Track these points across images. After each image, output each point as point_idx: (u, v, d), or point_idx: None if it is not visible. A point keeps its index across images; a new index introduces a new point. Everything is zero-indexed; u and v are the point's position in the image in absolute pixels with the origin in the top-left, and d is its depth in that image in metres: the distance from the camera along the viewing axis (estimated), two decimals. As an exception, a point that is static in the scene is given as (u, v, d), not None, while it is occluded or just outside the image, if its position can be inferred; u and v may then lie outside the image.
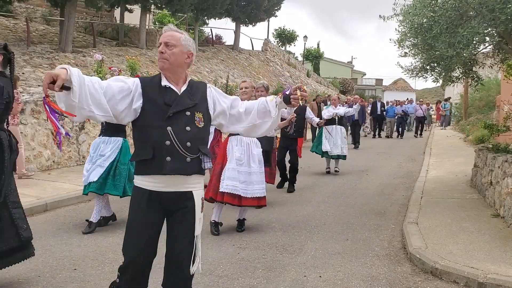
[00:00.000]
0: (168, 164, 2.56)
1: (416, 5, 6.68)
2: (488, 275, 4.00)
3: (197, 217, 2.68)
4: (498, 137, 8.69)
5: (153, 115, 2.59)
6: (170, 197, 2.64)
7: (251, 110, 2.81)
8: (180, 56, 2.63)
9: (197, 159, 2.63)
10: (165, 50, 2.62)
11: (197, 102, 2.68)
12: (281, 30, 39.49)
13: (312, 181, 9.45)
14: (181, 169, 2.59)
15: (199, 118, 2.66)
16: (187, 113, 2.62)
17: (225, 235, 5.48)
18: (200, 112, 2.67)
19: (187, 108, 2.63)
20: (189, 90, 2.69)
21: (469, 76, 8.00)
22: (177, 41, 2.63)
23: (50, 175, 8.78)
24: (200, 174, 2.70)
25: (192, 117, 2.63)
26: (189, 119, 2.62)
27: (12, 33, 16.43)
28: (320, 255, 4.84)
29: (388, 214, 6.74)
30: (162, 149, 2.56)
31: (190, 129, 2.61)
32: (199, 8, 21.84)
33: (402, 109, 21.61)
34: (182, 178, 2.62)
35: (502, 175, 5.94)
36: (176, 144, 2.56)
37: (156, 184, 2.61)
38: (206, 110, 2.70)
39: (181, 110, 2.61)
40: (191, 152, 2.60)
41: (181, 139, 2.57)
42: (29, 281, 4.03)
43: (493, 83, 19.16)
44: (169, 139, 2.55)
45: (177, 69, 2.66)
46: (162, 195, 2.62)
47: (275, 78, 27.75)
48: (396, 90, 55.50)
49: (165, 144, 2.55)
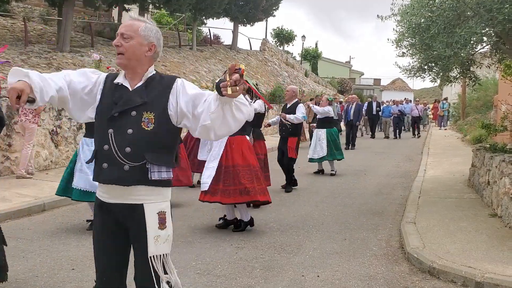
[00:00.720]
0: (104, 171, 2.27)
1: (414, 5, 6.69)
2: (486, 275, 4.01)
3: (151, 235, 2.28)
4: (495, 137, 8.70)
5: (101, 116, 2.32)
6: (118, 210, 2.32)
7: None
8: (138, 49, 2.28)
9: (141, 167, 2.24)
10: (120, 43, 2.27)
11: (148, 100, 2.27)
12: (279, 30, 39.49)
13: (310, 181, 9.46)
14: (118, 179, 2.25)
15: (148, 119, 2.26)
16: (132, 113, 2.26)
17: (223, 235, 5.48)
18: (151, 112, 2.27)
19: (132, 107, 2.27)
20: (144, 86, 2.31)
21: (466, 76, 8.01)
22: (135, 32, 2.28)
23: (48, 175, 8.77)
24: (153, 185, 2.29)
25: (139, 117, 2.25)
26: (134, 120, 2.25)
27: (10, 32, 16.39)
28: (318, 255, 4.84)
29: (386, 213, 6.75)
30: (101, 154, 2.28)
31: (132, 131, 2.24)
32: (197, 8, 21.82)
33: (398, 109, 21.36)
34: (126, 189, 2.26)
35: (500, 174, 5.95)
36: (114, 149, 2.24)
37: (102, 193, 2.35)
38: (163, 109, 2.27)
39: (125, 110, 2.27)
40: (130, 159, 2.23)
41: (119, 143, 2.24)
42: (27, 281, 4.03)
43: (491, 83, 19.19)
44: (108, 143, 2.25)
45: (136, 64, 2.31)
46: (110, 206, 2.33)
47: (273, 78, 27.75)
48: (394, 90, 55.55)
49: (103, 149, 2.26)
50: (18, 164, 8.52)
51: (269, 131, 19.66)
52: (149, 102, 2.28)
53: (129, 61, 2.30)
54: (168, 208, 2.37)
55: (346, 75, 52.50)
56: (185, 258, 4.64)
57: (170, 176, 2.33)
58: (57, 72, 2.41)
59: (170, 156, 2.34)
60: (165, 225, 2.33)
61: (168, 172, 2.32)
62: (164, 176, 2.30)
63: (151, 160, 2.25)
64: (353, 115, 16.55)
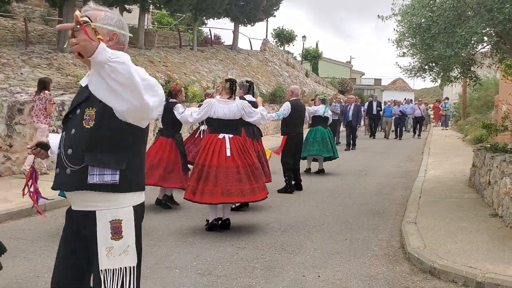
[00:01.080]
0: (56, 177, 2.15)
1: (415, 5, 6.69)
2: (486, 275, 4.01)
3: (101, 245, 2.05)
4: (496, 137, 8.70)
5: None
6: (76, 218, 2.16)
7: None
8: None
9: (82, 171, 2.04)
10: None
11: (92, 94, 1.99)
12: (279, 30, 39.52)
13: (310, 181, 9.46)
14: (61, 184, 2.12)
15: (90, 115, 2.05)
16: (77, 112, 2.10)
17: (223, 235, 5.48)
18: (93, 108, 2.05)
19: (77, 104, 2.11)
20: None
21: (467, 76, 8.01)
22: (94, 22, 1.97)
23: (48, 175, 8.77)
24: (102, 190, 2.05)
25: (81, 115, 2.07)
26: (78, 118, 2.09)
27: (11, 33, 16.40)
28: (319, 255, 4.85)
29: (387, 214, 6.75)
30: (57, 160, 2.18)
31: (74, 131, 2.08)
32: (197, 8, 21.84)
33: (399, 109, 20.89)
34: (79, 194, 2.09)
35: (500, 174, 5.95)
36: (61, 152, 2.11)
37: (69, 200, 2.21)
38: (104, 103, 1.95)
39: (73, 109, 2.13)
40: (71, 161, 2.06)
41: (64, 145, 2.11)
42: (28, 281, 4.03)
43: (491, 83, 19.19)
44: (60, 147, 2.15)
45: None
46: (71, 213, 2.19)
47: (274, 78, 27.76)
48: (394, 90, 55.51)
49: (58, 153, 2.16)
50: (19, 164, 8.54)
51: (269, 131, 19.67)
52: (92, 96, 2.01)
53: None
54: (127, 215, 2.10)
55: (347, 75, 52.49)
56: (185, 258, 4.65)
57: (115, 179, 2.06)
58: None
59: (117, 156, 2.08)
60: (121, 235, 2.07)
61: (114, 175, 2.06)
62: (108, 179, 2.05)
63: (89, 161, 2.04)
64: (352, 116, 16.08)
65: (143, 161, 2.24)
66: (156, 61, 18.52)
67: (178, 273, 4.26)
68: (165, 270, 4.32)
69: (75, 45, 1.76)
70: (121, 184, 2.08)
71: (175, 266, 4.41)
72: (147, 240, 5.19)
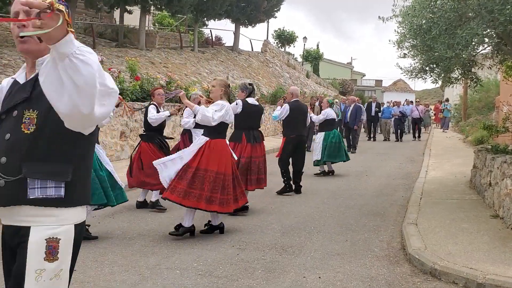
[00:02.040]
0: None
1: (415, 6, 6.70)
2: (487, 276, 4.01)
3: (31, 266, 1.74)
4: (497, 138, 8.71)
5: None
6: (8, 233, 1.84)
7: None
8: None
9: (19, 182, 1.74)
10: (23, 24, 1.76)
11: (33, 94, 1.77)
12: (280, 31, 39.58)
13: (311, 182, 9.46)
14: None
15: (30, 119, 1.76)
16: (14, 113, 1.80)
17: (224, 236, 5.49)
18: (34, 110, 1.76)
19: (15, 105, 1.80)
20: (36, 77, 1.78)
21: (468, 77, 8.01)
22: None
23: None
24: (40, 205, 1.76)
25: (19, 118, 1.78)
26: (15, 121, 1.79)
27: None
28: (320, 256, 4.84)
29: (387, 215, 6.75)
30: None
31: (9, 136, 1.77)
32: (198, 9, 21.89)
33: (399, 110, 20.38)
34: (14, 209, 1.77)
35: (501, 176, 5.95)
36: None
37: None
38: (49, 106, 1.66)
39: (8, 109, 1.83)
40: (5, 171, 1.74)
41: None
42: (29, 282, 4.02)
43: (492, 84, 19.20)
44: None
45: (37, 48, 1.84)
46: (4, 229, 1.87)
47: (275, 79, 27.79)
48: (395, 91, 55.53)
49: None
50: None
51: (270, 132, 19.68)
52: (33, 97, 1.77)
53: (31, 45, 1.82)
54: (68, 234, 1.81)
55: (348, 76, 52.49)
56: (186, 259, 4.65)
57: (60, 193, 1.78)
58: None
59: (62, 167, 1.80)
60: (56, 256, 1.76)
61: (58, 188, 1.78)
62: (52, 193, 1.77)
63: (28, 173, 1.74)
64: (350, 117, 15.63)
65: (90, 172, 2.00)
66: (157, 62, 18.56)
67: (179, 274, 4.26)
68: (166, 271, 4.32)
69: (38, 28, 1.45)
70: (65, 198, 1.80)
71: (175, 267, 4.42)
72: (148, 241, 5.20)
